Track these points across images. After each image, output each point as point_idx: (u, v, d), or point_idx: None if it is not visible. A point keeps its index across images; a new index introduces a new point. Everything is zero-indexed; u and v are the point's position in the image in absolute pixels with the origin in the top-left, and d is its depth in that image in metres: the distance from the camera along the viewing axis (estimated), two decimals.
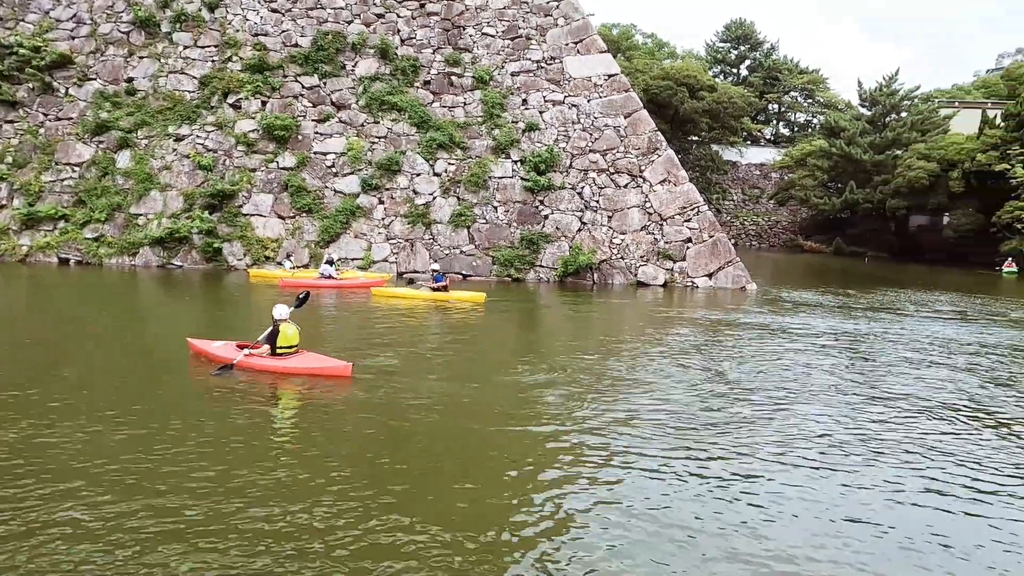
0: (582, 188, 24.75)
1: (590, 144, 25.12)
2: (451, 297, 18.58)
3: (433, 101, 25.72)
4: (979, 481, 7.19)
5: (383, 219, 24.49)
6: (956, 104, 56.59)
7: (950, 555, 5.71)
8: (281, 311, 10.63)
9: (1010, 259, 38.89)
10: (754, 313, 18.78)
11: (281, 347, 10.45)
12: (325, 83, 25.68)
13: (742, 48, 71.37)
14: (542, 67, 25.84)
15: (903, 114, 51.83)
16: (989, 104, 53.86)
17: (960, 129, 49.58)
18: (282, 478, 6.63)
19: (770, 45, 70.83)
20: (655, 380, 10.78)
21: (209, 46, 26.00)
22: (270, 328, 10.55)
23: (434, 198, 24.62)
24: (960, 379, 11.66)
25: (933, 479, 7.20)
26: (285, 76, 25.74)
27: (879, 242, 51.60)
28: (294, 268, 22.66)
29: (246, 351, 10.55)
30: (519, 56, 25.93)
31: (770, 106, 71.30)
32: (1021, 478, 7.34)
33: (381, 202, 24.63)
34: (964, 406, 9.99)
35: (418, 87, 25.81)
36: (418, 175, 24.78)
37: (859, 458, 7.70)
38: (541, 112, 25.52)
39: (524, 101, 25.66)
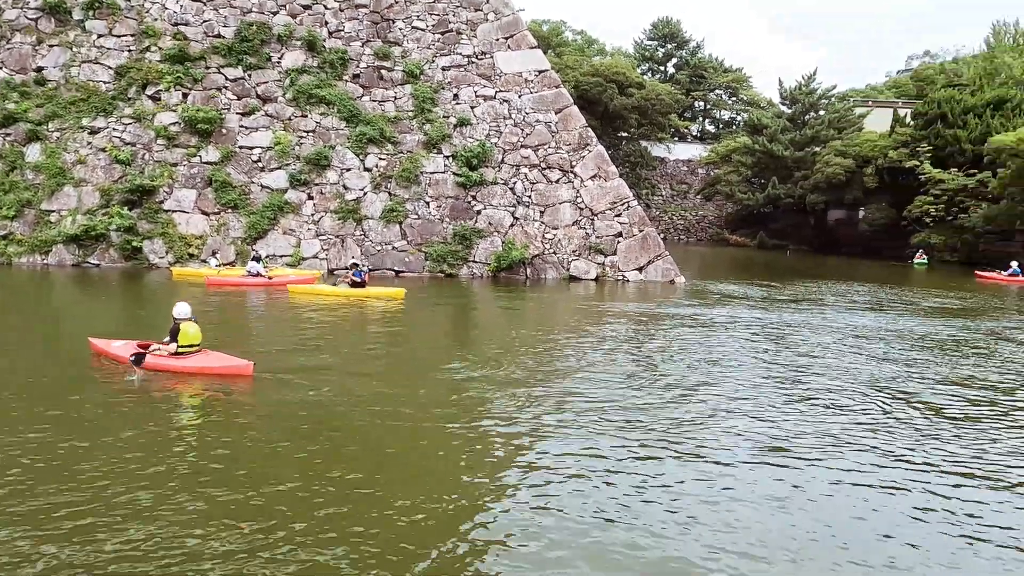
0: (514, 183, 24.83)
1: (522, 140, 25.21)
2: (370, 294, 18.36)
3: (363, 95, 25.33)
4: (900, 466, 7.50)
5: (312, 215, 24.01)
6: (870, 103, 59.17)
7: (874, 543, 5.93)
8: (181, 310, 10.36)
9: (921, 251, 40.92)
10: (683, 306, 19.23)
11: (182, 346, 10.21)
12: (250, 75, 24.96)
13: (669, 46, 72.83)
14: (473, 62, 25.77)
15: (821, 112, 53.88)
16: (900, 103, 56.52)
17: (873, 127, 51.89)
18: (191, 480, 6.43)
19: (696, 43, 72.51)
20: (587, 374, 10.91)
21: (125, 35, 24.90)
22: (171, 327, 10.29)
23: (365, 193, 24.27)
24: (877, 367, 12.21)
25: (857, 467, 7.41)
26: (207, 67, 24.90)
27: (800, 236, 53.56)
28: (220, 266, 21.99)
29: (155, 347, 10.26)
30: (450, 50, 25.78)
31: (696, 103, 73.02)
32: (940, 463, 7.73)
33: (310, 197, 24.14)
34: (882, 392, 10.46)
35: (347, 80, 25.38)
36: (348, 170, 24.38)
37: (785, 447, 7.95)
38: (472, 107, 25.45)
39: (455, 96, 25.55)
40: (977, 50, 60.72)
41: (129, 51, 24.79)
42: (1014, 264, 32.44)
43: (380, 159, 24.57)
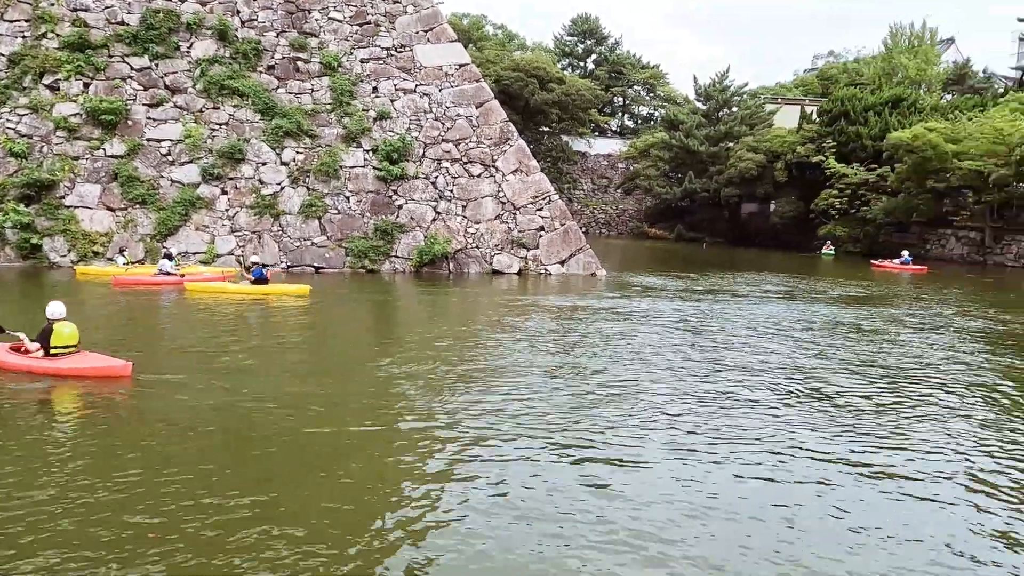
0: (436, 178, 24.68)
1: (443, 134, 25.07)
2: (272, 291, 17.86)
3: (278, 87, 24.64)
4: (816, 451, 7.73)
5: (227, 210, 23.23)
6: (779, 100, 61.52)
7: (779, 535, 6.17)
8: (54, 309, 9.84)
9: (828, 242, 42.85)
10: (605, 298, 19.56)
11: (56, 347, 9.68)
12: (157, 65, 23.90)
13: (588, 42, 73.81)
14: (392, 55, 25.44)
15: (734, 109, 55.69)
16: (807, 101, 59.00)
17: (782, 123, 53.99)
18: (103, 491, 6.14)
19: (614, 40, 73.73)
20: (510, 370, 10.96)
21: (19, 20, 23.42)
22: (43, 327, 9.78)
23: (282, 188, 23.65)
24: (790, 353, 12.73)
25: (767, 460, 7.51)
26: (111, 56, 23.70)
27: (716, 228, 55.28)
28: (128, 264, 21.03)
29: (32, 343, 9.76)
30: (368, 43, 25.37)
31: (616, 99, 74.28)
32: (850, 456, 8.10)
33: (224, 192, 23.34)
34: (795, 379, 10.91)
35: (261, 72, 24.62)
36: (264, 164, 23.70)
37: (706, 434, 8.11)
38: (392, 100, 25.14)
39: (374, 89, 25.17)
40: (877, 51, 63.98)
41: (23, 37, 23.34)
42: (905, 253, 35.08)
43: (298, 153, 23.98)
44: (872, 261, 36.13)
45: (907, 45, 58.85)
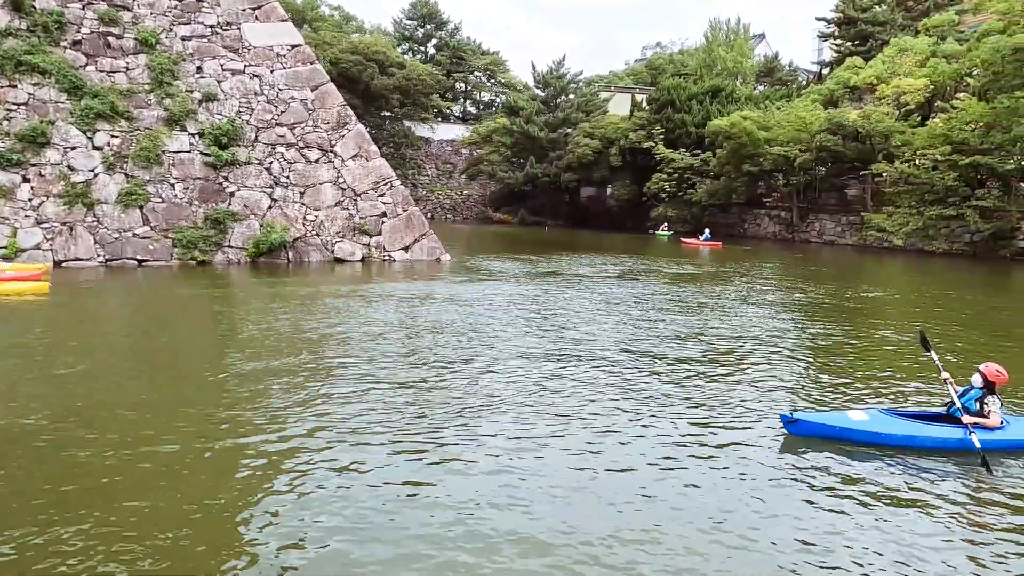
0: (270, 163, 23.62)
1: (276, 117, 24.01)
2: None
3: (87, 64, 22.49)
4: (672, 437, 8.17)
5: (30, 200, 20.97)
6: (612, 88, 64.31)
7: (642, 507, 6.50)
8: None
9: (665, 224, 45.47)
10: (450, 283, 19.66)
11: None
12: None
13: (428, 27, 73.34)
14: (217, 33, 23.96)
15: (571, 96, 57.57)
16: (637, 90, 62.09)
17: (616, 111, 56.55)
18: None
19: (454, 25, 73.75)
20: (353, 361, 10.76)
21: None
22: None
23: (96, 175, 21.69)
24: (632, 330, 13.41)
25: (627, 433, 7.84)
26: None
27: (557, 212, 57.10)
28: None
29: None
30: (189, 19, 23.73)
31: (457, 84, 74.45)
32: (698, 430, 8.66)
33: (26, 180, 21.04)
34: (637, 355, 11.50)
35: (66, 47, 22.35)
36: (73, 149, 21.59)
37: (556, 420, 8.15)
38: (219, 81, 23.71)
39: (199, 69, 23.61)
40: (699, 43, 68.38)
41: None
42: (707, 231, 39.26)
43: (113, 136, 22.06)
44: (681, 239, 40.09)
45: (725, 39, 63.35)
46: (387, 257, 24.32)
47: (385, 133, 59.92)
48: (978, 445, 6.83)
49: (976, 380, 7.43)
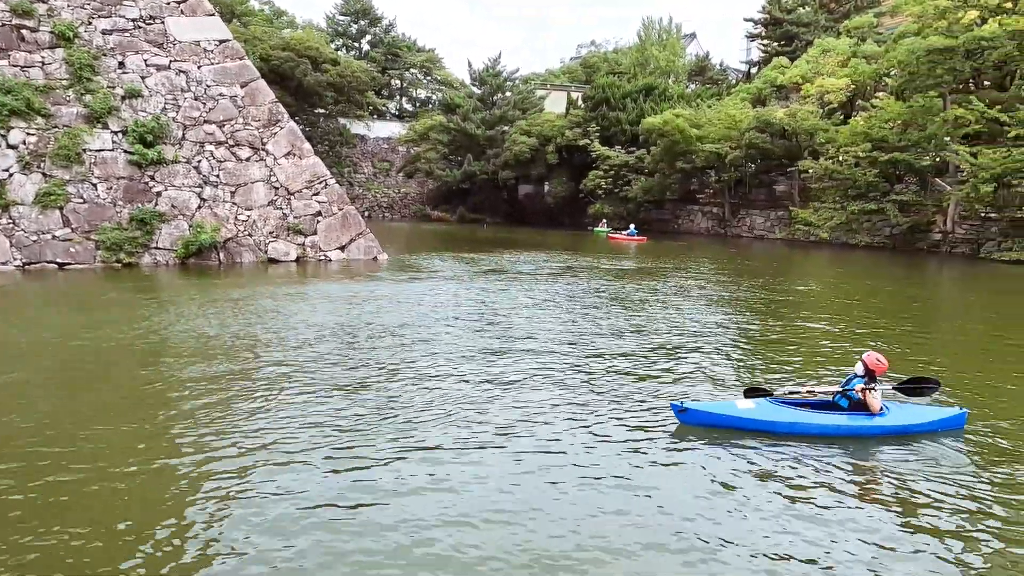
0: (199, 162, 22.93)
1: (204, 115, 23.32)
2: None
3: None
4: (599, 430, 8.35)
5: None
6: (548, 87, 64.72)
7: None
8: None
9: (604, 220, 46.01)
10: (387, 282, 19.47)
11: None
12: None
13: (362, 23, 72.32)
14: (140, 27, 23.12)
15: (507, 94, 57.69)
16: (573, 88, 62.62)
17: (552, 108, 56.94)
18: None
19: (389, 22, 72.92)
20: (287, 363, 10.56)
21: None
22: None
23: (11, 175, 20.65)
24: (577, 326, 13.51)
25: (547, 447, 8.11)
26: None
27: (496, 209, 57.17)
28: None
29: None
30: (110, 12, 22.82)
31: (393, 82, 73.68)
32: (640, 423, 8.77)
33: None
34: (580, 353, 11.60)
35: None
36: None
37: (498, 426, 8.09)
38: (143, 77, 22.88)
39: (121, 64, 22.74)
40: (632, 42, 69.37)
41: None
42: (632, 226, 40.24)
43: (29, 134, 21.04)
44: (608, 235, 41.13)
45: (657, 39, 64.45)
46: (323, 257, 23.92)
47: (319, 131, 58.88)
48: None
49: (859, 368, 7.77)
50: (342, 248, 24.43)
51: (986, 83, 33.33)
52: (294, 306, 15.05)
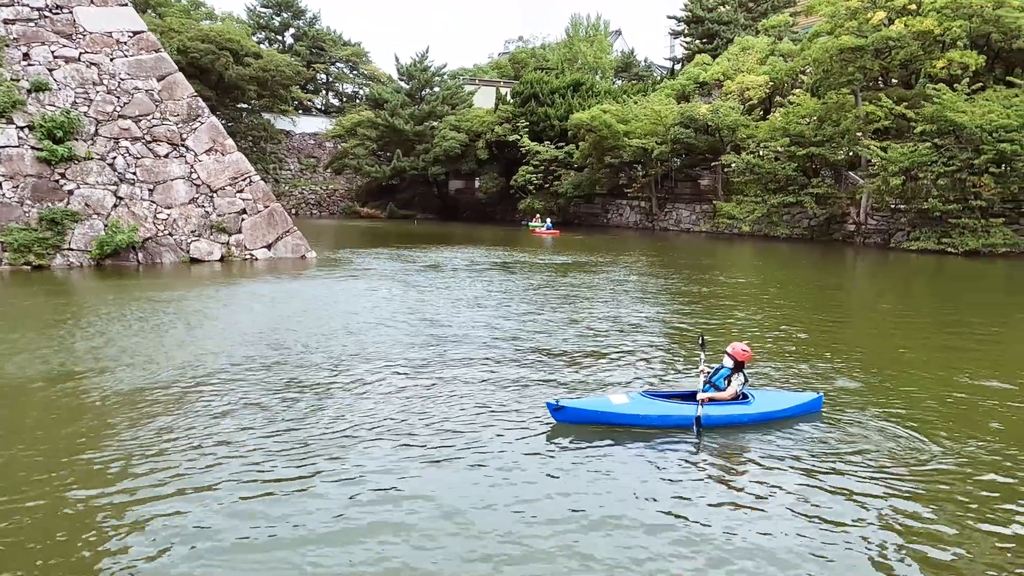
0: (114, 159, 21.97)
1: (119, 109, 22.35)
2: None
3: None
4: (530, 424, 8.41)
5: None
6: (477, 82, 64.62)
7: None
8: None
9: (537, 215, 46.18)
10: (316, 281, 19.10)
11: None
12: None
13: (285, 15, 70.63)
14: (46, 16, 21.96)
15: (436, 89, 57.35)
16: (501, 83, 62.69)
17: (481, 104, 56.89)
18: None
19: (312, 15, 71.41)
20: (206, 373, 10.24)
21: None
22: None
23: None
24: (509, 324, 13.52)
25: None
26: None
27: (426, 205, 56.85)
28: None
29: None
30: (13, 1, 21.60)
31: (319, 76, 72.26)
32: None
33: None
34: (518, 346, 11.63)
35: None
36: None
37: (436, 433, 8.19)
38: (51, 70, 21.76)
39: (26, 55, 21.55)
40: (560, 38, 69.94)
41: None
42: (548, 220, 42.05)
43: None
44: (531, 228, 42.08)
45: (585, 35, 65.16)
46: (248, 256, 23.29)
47: (243, 126, 57.29)
48: (699, 412, 7.41)
49: (727, 360, 8.09)
50: (269, 247, 23.84)
51: (894, 81, 35.03)
52: (217, 308, 14.60)
